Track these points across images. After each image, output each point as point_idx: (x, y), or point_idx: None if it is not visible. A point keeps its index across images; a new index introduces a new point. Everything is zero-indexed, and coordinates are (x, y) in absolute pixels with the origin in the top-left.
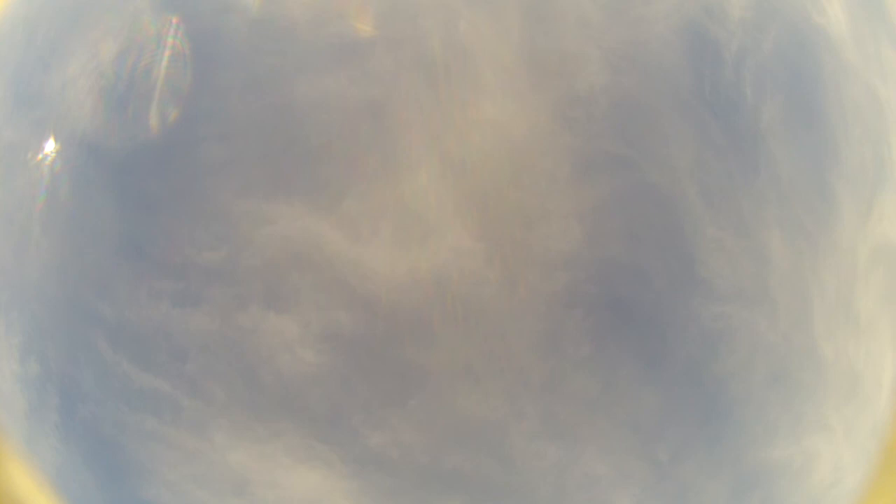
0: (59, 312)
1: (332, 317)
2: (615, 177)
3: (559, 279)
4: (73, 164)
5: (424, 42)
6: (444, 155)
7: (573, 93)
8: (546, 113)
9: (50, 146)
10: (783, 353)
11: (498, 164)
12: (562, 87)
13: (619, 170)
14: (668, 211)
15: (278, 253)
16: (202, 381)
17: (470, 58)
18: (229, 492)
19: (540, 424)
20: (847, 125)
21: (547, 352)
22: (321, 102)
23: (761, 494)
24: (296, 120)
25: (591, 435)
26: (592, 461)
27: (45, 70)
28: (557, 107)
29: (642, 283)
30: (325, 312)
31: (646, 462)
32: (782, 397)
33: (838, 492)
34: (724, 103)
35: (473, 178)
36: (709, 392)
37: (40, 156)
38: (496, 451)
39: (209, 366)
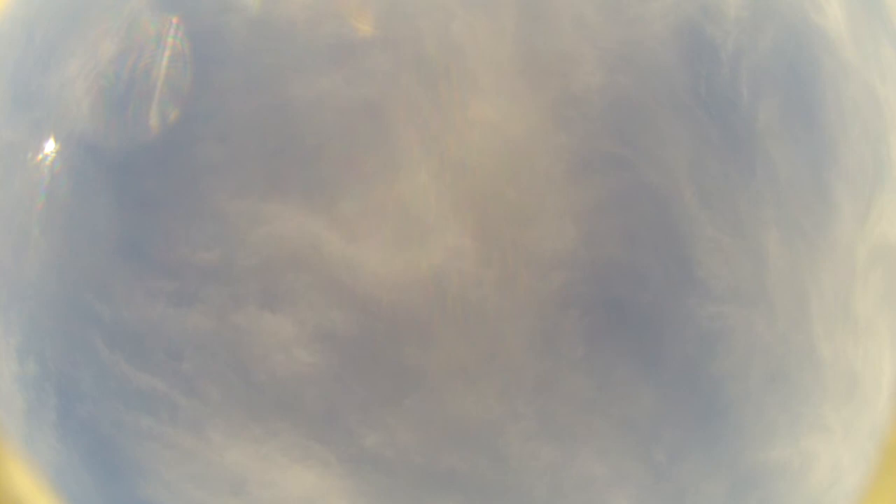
0: (58, 312)
1: (327, 316)
2: (611, 177)
3: (555, 279)
4: (72, 164)
5: (421, 42)
6: (441, 155)
7: (569, 92)
8: (542, 113)
9: (49, 146)
10: (781, 354)
11: (494, 164)
12: (558, 86)
13: (615, 170)
14: (664, 211)
15: (274, 253)
16: (198, 380)
17: (466, 58)
18: (226, 491)
19: (536, 424)
20: (845, 124)
21: (543, 352)
22: (318, 102)
23: (759, 495)
24: (293, 120)
25: (587, 435)
26: (589, 462)
27: (45, 70)
28: (554, 106)
29: (639, 282)
30: (320, 312)
31: (643, 463)
32: (780, 398)
33: (837, 493)
34: (721, 103)
35: (469, 178)
36: (706, 392)
37: (40, 156)
38: (492, 451)
39: (205, 365)
